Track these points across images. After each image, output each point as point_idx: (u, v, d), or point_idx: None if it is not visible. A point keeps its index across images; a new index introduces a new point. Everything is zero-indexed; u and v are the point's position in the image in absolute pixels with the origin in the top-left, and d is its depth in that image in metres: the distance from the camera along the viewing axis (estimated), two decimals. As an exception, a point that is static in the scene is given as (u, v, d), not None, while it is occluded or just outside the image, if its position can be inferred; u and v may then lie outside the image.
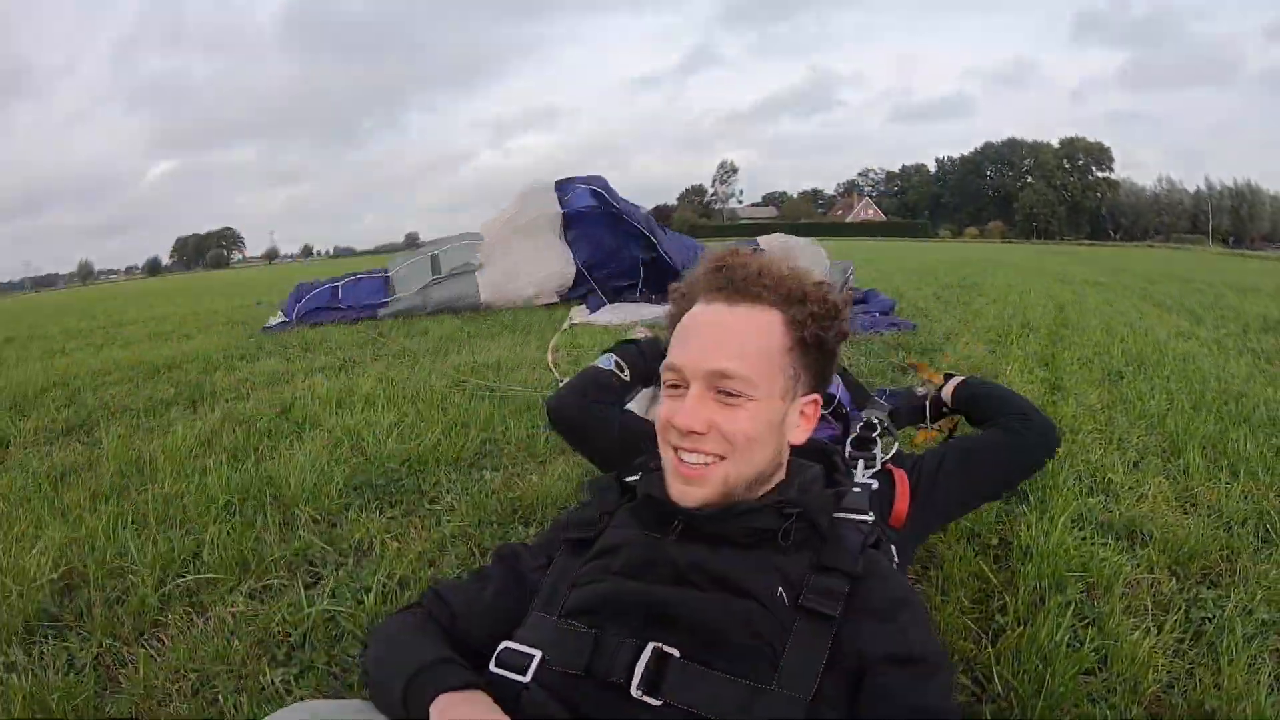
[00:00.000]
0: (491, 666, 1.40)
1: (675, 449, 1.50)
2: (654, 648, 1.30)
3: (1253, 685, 2.09)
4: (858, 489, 1.65)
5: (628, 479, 1.73)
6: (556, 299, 10.73)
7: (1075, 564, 2.71)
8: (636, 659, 1.30)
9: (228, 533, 3.00)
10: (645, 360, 2.61)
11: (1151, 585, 2.70)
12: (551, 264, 10.85)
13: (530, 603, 1.55)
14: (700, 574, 1.41)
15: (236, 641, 2.33)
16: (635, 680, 1.27)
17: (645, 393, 2.90)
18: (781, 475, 1.61)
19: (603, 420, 2.46)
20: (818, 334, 1.56)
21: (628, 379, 2.56)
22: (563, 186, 11.12)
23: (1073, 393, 5.37)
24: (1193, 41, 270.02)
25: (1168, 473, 3.79)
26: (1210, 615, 2.50)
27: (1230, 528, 3.13)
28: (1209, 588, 2.71)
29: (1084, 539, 2.94)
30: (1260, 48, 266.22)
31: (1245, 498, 3.43)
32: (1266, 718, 1.97)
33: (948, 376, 2.70)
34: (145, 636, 2.41)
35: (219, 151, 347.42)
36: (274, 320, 10.15)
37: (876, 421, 2.28)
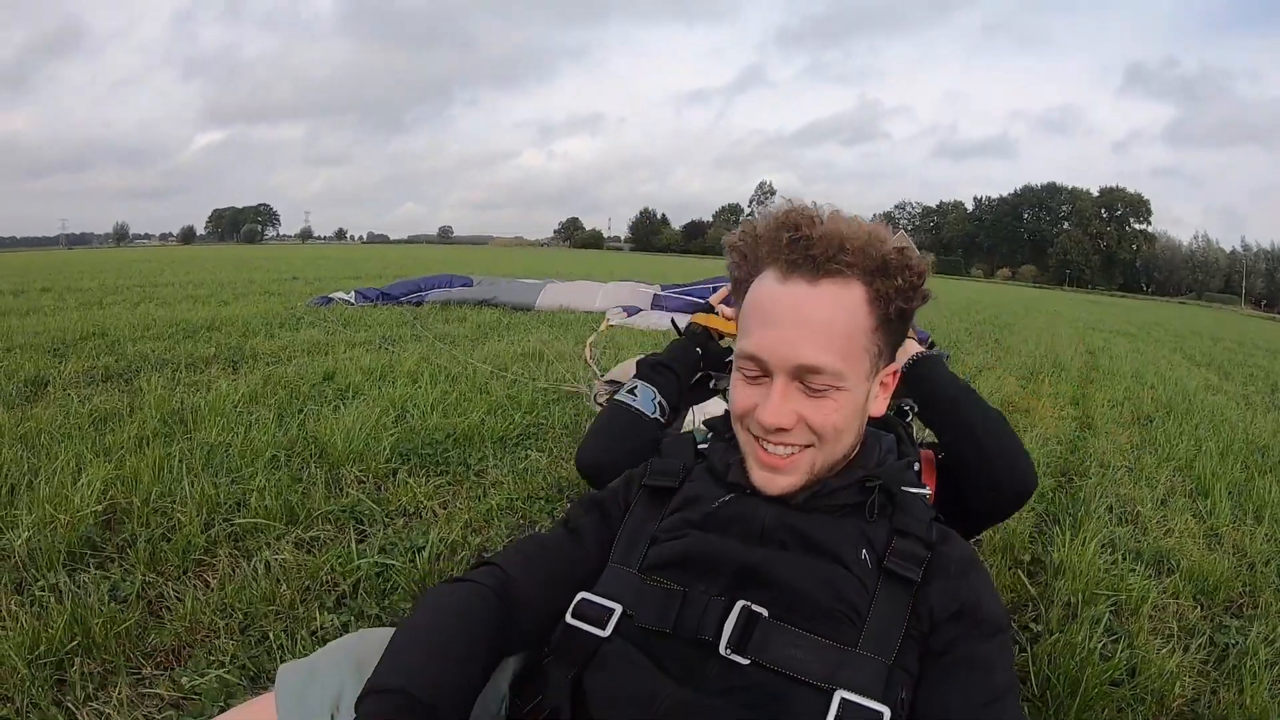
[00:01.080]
0: (568, 618, 1.38)
1: (758, 439, 1.42)
2: (743, 606, 1.29)
3: (1275, 706, 2.15)
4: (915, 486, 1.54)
5: (700, 445, 1.69)
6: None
7: (1105, 584, 2.76)
8: (725, 617, 1.28)
9: (275, 484, 3.04)
10: (682, 381, 2.28)
11: (1178, 611, 2.75)
12: (623, 296, 10.55)
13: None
14: (787, 533, 1.38)
15: (285, 587, 2.36)
16: (725, 639, 1.26)
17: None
18: (856, 449, 1.54)
19: None
20: (902, 307, 1.44)
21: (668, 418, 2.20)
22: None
23: (1103, 431, 5.44)
24: (1241, 102, 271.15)
25: (1195, 511, 3.84)
26: (1234, 642, 2.55)
27: (1254, 566, 3.18)
28: (1233, 617, 2.77)
29: (1114, 563, 3.00)
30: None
31: (1269, 540, 3.49)
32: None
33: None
34: (189, 574, 2.45)
35: (265, 128, 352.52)
36: (335, 293, 10.37)
37: (908, 408, 2.13)
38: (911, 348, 1.99)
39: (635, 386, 2.20)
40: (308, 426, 3.88)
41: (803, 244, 1.38)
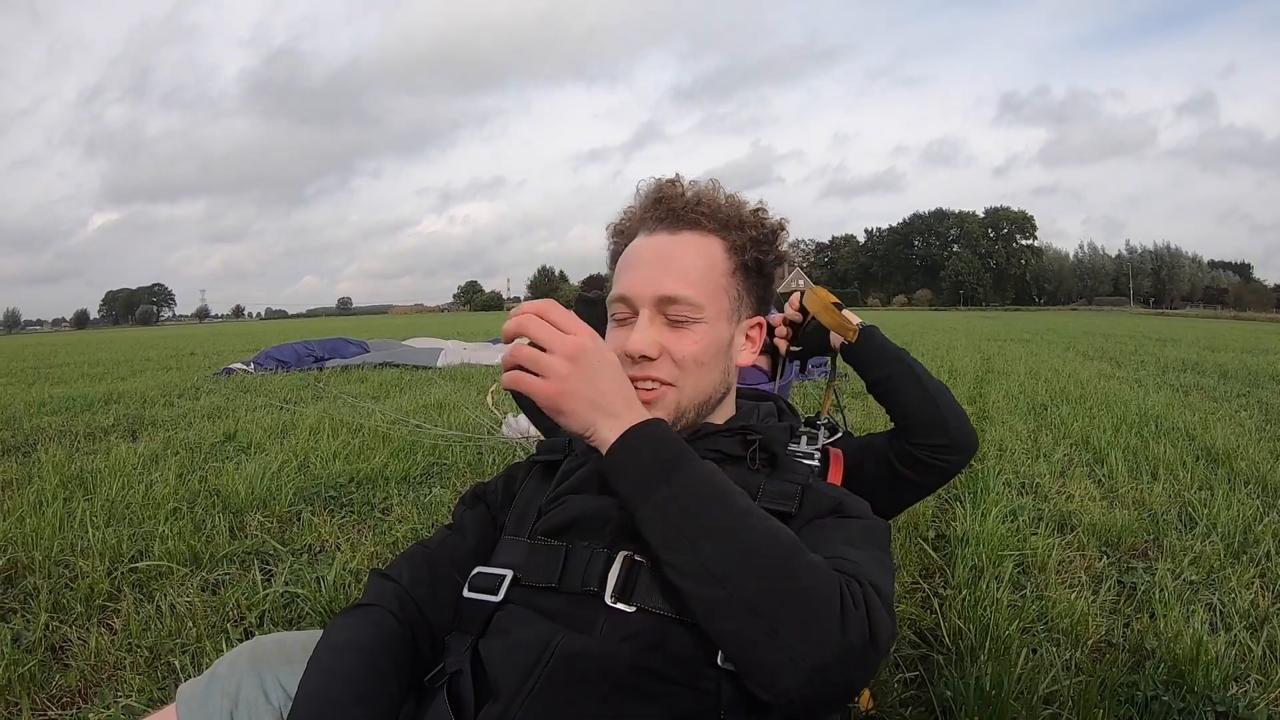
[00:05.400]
0: (465, 592, 1.39)
1: None
2: (625, 556, 1.29)
3: (1189, 626, 2.22)
4: (803, 454, 1.62)
5: None
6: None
7: (1010, 546, 2.83)
8: (608, 568, 1.29)
9: (177, 532, 2.97)
10: None
11: (1084, 563, 2.83)
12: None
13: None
14: None
15: (191, 625, 2.32)
16: (609, 588, 1.26)
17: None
18: (732, 408, 1.61)
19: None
20: (757, 258, 1.55)
21: None
22: None
23: (1000, 420, 5.58)
24: (1110, 118, 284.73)
25: (1094, 477, 3.98)
26: (1141, 581, 2.63)
27: (1154, 516, 3.30)
28: (1139, 560, 2.87)
29: (1016, 529, 3.08)
30: (1171, 123, 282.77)
31: (1166, 494, 3.62)
32: (1204, 645, 2.06)
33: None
34: (94, 620, 2.40)
35: (165, 206, 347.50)
36: (235, 364, 10.40)
37: (823, 423, 2.21)
38: (853, 318, 1.95)
39: None
40: (209, 481, 3.82)
41: (664, 203, 1.50)
